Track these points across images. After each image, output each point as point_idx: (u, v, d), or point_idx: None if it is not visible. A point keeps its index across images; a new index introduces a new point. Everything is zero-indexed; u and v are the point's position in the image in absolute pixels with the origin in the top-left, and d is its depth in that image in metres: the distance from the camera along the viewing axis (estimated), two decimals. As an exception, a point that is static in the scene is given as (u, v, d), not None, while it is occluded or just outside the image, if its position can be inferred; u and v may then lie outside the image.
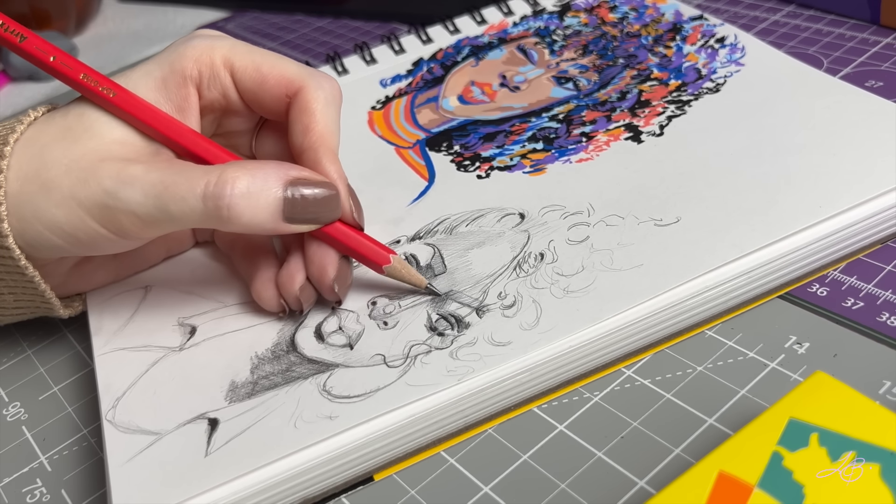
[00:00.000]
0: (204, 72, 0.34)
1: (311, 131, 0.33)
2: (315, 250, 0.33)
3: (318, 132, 0.33)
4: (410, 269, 0.34)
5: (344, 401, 0.30)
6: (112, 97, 0.32)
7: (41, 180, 0.31)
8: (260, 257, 0.35)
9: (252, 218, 0.30)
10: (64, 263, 0.36)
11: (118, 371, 0.34)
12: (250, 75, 0.34)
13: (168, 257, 0.40)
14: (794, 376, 0.30)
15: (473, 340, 0.31)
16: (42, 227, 0.32)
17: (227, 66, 0.34)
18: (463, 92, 0.47)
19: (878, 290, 0.32)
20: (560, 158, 0.40)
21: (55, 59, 0.33)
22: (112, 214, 0.31)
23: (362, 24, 0.64)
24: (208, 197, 0.30)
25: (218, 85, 0.34)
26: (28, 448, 0.35)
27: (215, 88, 0.34)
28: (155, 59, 0.34)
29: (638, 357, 0.32)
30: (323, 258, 0.33)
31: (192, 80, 0.34)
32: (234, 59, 0.34)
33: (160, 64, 0.34)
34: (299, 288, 0.33)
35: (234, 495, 0.28)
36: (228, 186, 0.30)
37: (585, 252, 0.34)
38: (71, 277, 0.37)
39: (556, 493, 0.28)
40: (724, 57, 0.44)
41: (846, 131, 0.37)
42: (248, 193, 0.30)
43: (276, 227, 0.31)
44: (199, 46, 0.34)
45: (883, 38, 0.46)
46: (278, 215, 0.31)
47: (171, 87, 0.34)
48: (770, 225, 0.33)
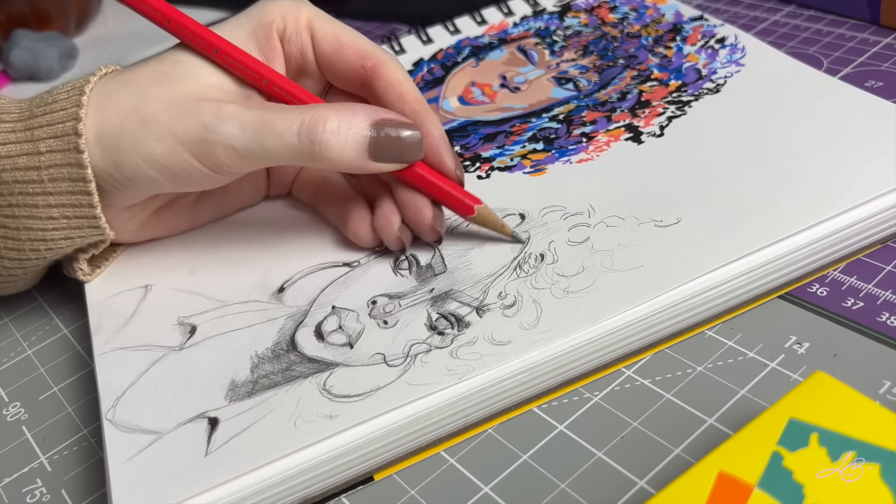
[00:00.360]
0: (289, 27, 0.36)
1: (407, 99, 0.36)
2: (408, 196, 0.35)
3: (414, 98, 0.36)
4: (497, 218, 0.35)
5: (344, 400, 0.30)
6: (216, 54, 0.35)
7: (140, 115, 0.34)
8: (349, 201, 0.38)
9: (340, 154, 0.33)
10: (148, 207, 0.38)
11: (118, 370, 0.34)
12: (329, 41, 0.36)
13: (241, 209, 0.42)
14: (794, 376, 0.30)
15: (473, 340, 0.31)
16: (140, 160, 0.34)
17: (308, 27, 0.37)
18: (463, 92, 0.47)
19: (878, 290, 0.32)
20: (560, 159, 0.40)
21: (170, 22, 0.36)
22: (209, 148, 0.33)
23: (362, 24, 0.64)
24: (303, 133, 0.32)
25: (298, 42, 0.37)
26: (28, 448, 0.35)
27: (295, 45, 0.37)
28: (244, 13, 0.37)
29: (638, 357, 0.32)
30: (418, 201, 0.35)
31: (277, 32, 0.36)
32: (315, 23, 0.37)
33: (250, 17, 0.37)
34: (398, 229, 0.36)
35: (234, 495, 0.28)
36: (321, 124, 0.32)
37: (586, 253, 0.34)
38: (150, 223, 0.39)
39: (556, 493, 0.28)
40: (724, 57, 0.44)
41: (846, 131, 0.37)
42: (337, 131, 0.32)
43: (363, 165, 0.33)
44: (285, 4, 0.37)
45: (883, 38, 0.46)
46: (364, 153, 0.33)
47: (261, 37, 0.36)
48: (770, 225, 0.33)
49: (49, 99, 0.35)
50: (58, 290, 0.43)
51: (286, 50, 0.37)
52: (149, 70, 0.35)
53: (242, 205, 0.42)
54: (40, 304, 0.42)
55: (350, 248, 0.37)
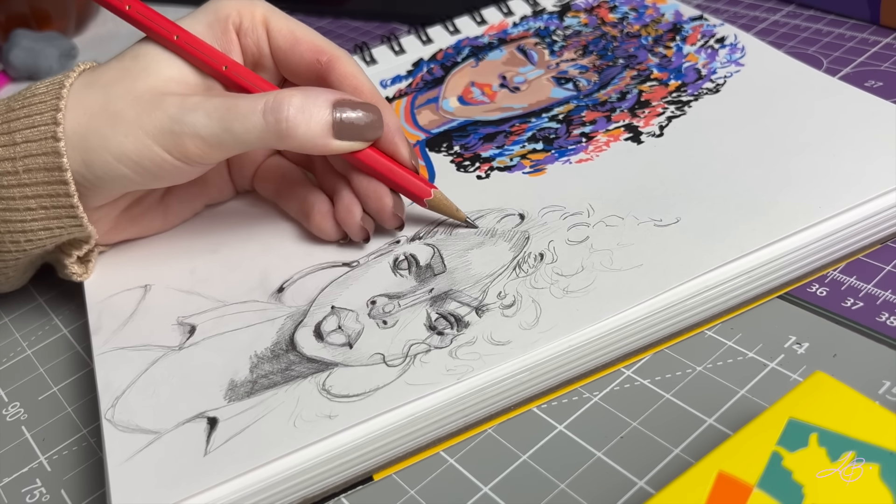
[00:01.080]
0: (245, 21, 0.37)
1: (362, 91, 0.37)
2: (368, 185, 0.36)
3: (370, 89, 0.37)
4: (451, 204, 0.37)
5: (343, 400, 0.30)
6: (176, 39, 0.36)
7: (108, 113, 0.34)
8: (309, 196, 0.38)
9: (307, 131, 0.34)
10: (117, 206, 0.38)
11: (118, 370, 0.34)
12: (284, 36, 0.37)
13: (209, 205, 0.42)
14: (793, 376, 0.30)
15: (473, 340, 0.31)
16: (111, 157, 0.34)
17: (264, 22, 0.38)
18: (463, 92, 0.47)
19: (878, 290, 0.32)
20: (560, 159, 0.40)
21: (131, 8, 0.37)
22: (178, 139, 0.34)
23: (362, 24, 0.64)
24: (268, 111, 0.33)
25: (254, 36, 0.38)
26: (28, 448, 0.35)
27: (251, 38, 0.38)
28: (200, 8, 0.38)
29: (638, 357, 0.32)
30: (378, 190, 0.36)
31: (234, 26, 0.37)
32: (271, 18, 0.38)
33: (206, 12, 0.37)
34: (361, 218, 0.37)
35: (234, 494, 0.28)
36: (286, 103, 0.33)
37: (585, 252, 0.34)
38: (120, 222, 0.39)
39: (555, 493, 0.28)
40: (723, 57, 0.44)
41: (846, 131, 0.37)
42: (302, 107, 0.33)
43: (327, 143, 0.34)
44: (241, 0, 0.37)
45: (883, 38, 0.46)
46: (328, 131, 0.34)
47: (217, 30, 0.37)
48: (770, 225, 0.33)
49: (28, 94, 0.35)
50: (58, 290, 0.43)
51: (243, 43, 0.38)
52: (111, 68, 0.36)
53: (210, 201, 0.42)
54: (40, 305, 0.42)
55: (349, 249, 0.37)
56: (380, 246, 0.37)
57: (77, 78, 0.36)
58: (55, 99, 0.34)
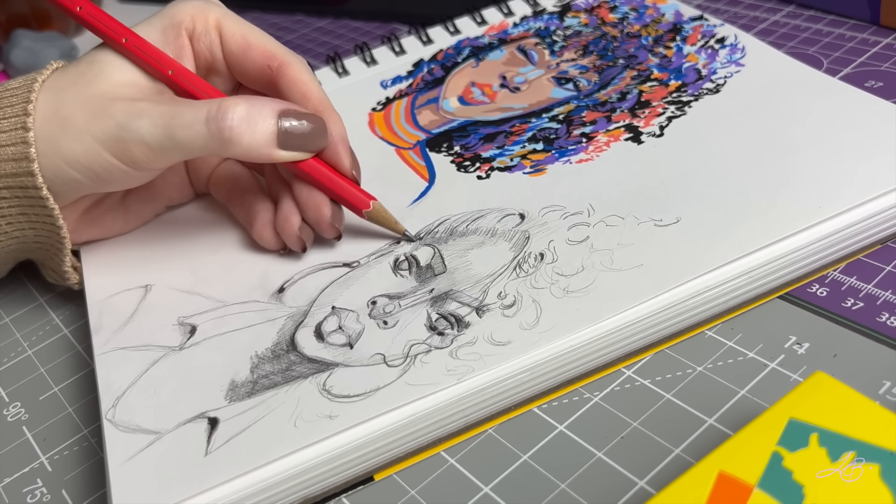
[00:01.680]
0: (198, 26, 0.37)
1: (310, 98, 0.37)
2: (307, 194, 0.36)
3: (316, 97, 0.37)
4: (390, 216, 0.37)
5: (344, 400, 0.30)
6: (124, 42, 0.36)
7: (59, 118, 0.34)
8: (255, 202, 0.38)
9: (251, 141, 0.33)
10: (76, 208, 0.38)
11: (118, 370, 0.34)
12: (237, 41, 0.38)
13: (170, 207, 0.43)
14: (793, 376, 0.30)
15: (473, 340, 0.31)
16: (62, 162, 0.34)
17: (217, 27, 0.38)
18: (463, 93, 0.47)
19: (878, 291, 0.32)
20: (560, 159, 0.40)
21: (81, 9, 0.37)
22: (125, 145, 0.34)
23: (362, 24, 0.64)
24: (211, 120, 0.33)
25: (207, 41, 0.38)
26: (28, 448, 0.35)
27: (204, 43, 0.38)
28: (157, 13, 0.38)
29: (638, 357, 0.32)
30: (316, 199, 0.36)
31: (187, 31, 0.37)
32: (224, 23, 0.38)
33: (161, 17, 0.38)
34: (298, 228, 0.37)
35: (234, 494, 0.28)
36: (230, 112, 0.33)
37: (585, 252, 0.34)
38: (81, 225, 0.39)
39: (556, 493, 0.28)
40: (724, 57, 0.44)
41: (846, 131, 0.37)
42: (247, 117, 0.33)
43: (271, 153, 0.34)
44: (195, 4, 0.38)
45: (883, 39, 0.46)
46: (273, 141, 0.34)
47: (170, 35, 0.37)
48: (770, 225, 0.33)
49: (1, 89, 0.36)
50: (58, 290, 0.43)
51: (195, 48, 0.38)
52: (68, 73, 0.36)
53: (171, 202, 0.43)
54: (40, 304, 0.42)
55: (350, 249, 0.37)
56: (380, 246, 0.37)
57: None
58: (27, 92, 0.35)
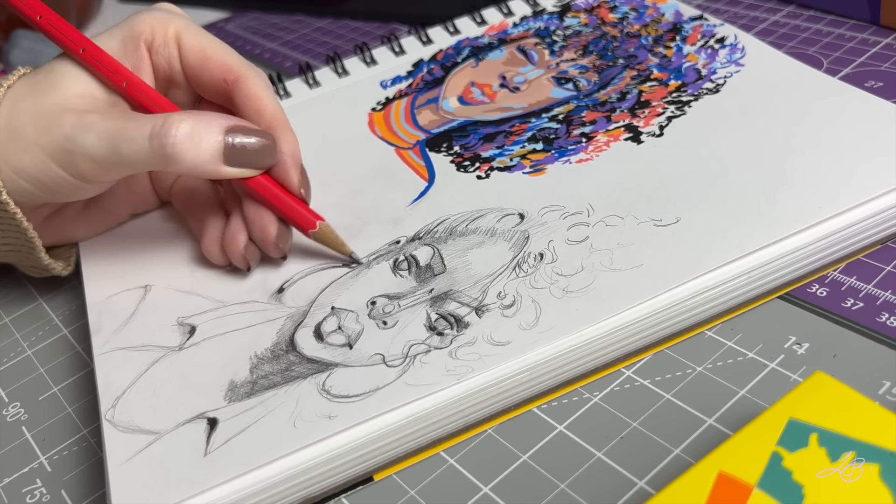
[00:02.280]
0: (157, 38, 0.37)
1: (263, 114, 0.36)
2: (255, 212, 0.36)
3: (270, 113, 0.36)
4: (337, 237, 0.36)
5: (343, 400, 0.30)
6: (82, 52, 0.36)
7: (10, 128, 0.34)
8: (208, 215, 0.38)
9: (195, 158, 0.33)
10: (36, 216, 0.38)
11: (118, 370, 0.34)
12: (195, 53, 0.37)
13: (134, 215, 0.42)
14: (793, 377, 0.30)
15: (473, 340, 0.31)
16: (11, 172, 0.35)
17: (176, 39, 0.37)
18: (463, 93, 0.47)
19: (878, 291, 0.32)
20: (560, 159, 0.40)
21: (42, 18, 0.37)
22: (72, 158, 0.34)
23: (362, 24, 0.64)
24: (154, 136, 0.33)
25: (166, 53, 0.37)
26: (28, 448, 0.35)
27: (163, 56, 0.37)
28: (119, 24, 0.38)
29: (638, 357, 0.32)
30: (263, 218, 0.36)
31: (146, 43, 0.37)
32: (183, 35, 0.37)
33: (122, 28, 0.37)
34: (244, 247, 0.36)
35: (234, 495, 0.28)
36: (174, 128, 0.33)
37: (585, 252, 0.34)
38: (43, 231, 0.39)
39: (555, 493, 0.28)
40: (723, 57, 0.44)
41: (846, 131, 0.37)
42: (191, 134, 0.33)
43: (217, 170, 0.34)
44: (156, 16, 0.38)
45: (883, 39, 0.46)
46: (219, 157, 0.33)
47: (129, 48, 0.37)
48: (770, 225, 0.33)
49: None
50: (58, 290, 0.43)
51: (154, 60, 0.37)
52: (24, 81, 0.36)
53: (135, 211, 0.42)
54: (40, 304, 0.42)
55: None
56: (379, 247, 0.37)
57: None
58: None
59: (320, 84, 0.50)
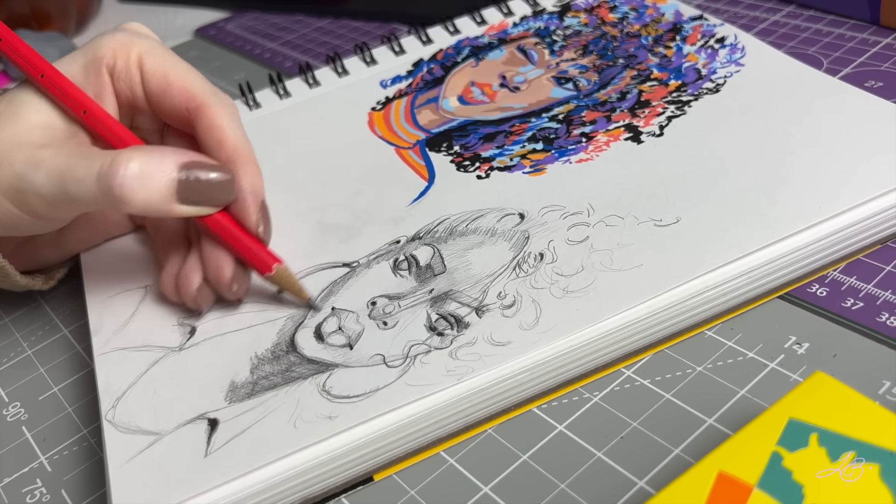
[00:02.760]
0: (119, 62, 0.35)
1: (224, 145, 0.34)
2: (211, 252, 0.34)
3: (231, 145, 0.34)
4: (295, 281, 0.34)
5: (343, 401, 0.30)
6: (41, 78, 0.34)
7: None
8: (171, 249, 0.36)
9: (146, 198, 0.31)
10: (6, 243, 0.37)
11: (118, 371, 0.34)
12: (157, 80, 0.35)
13: (108, 239, 0.41)
14: (793, 376, 0.30)
15: (473, 340, 0.31)
16: None
17: (138, 63, 0.36)
18: (463, 92, 0.47)
19: (878, 291, 0.32)
20: (560, 159, 0.40)
21: (1, 42, 0.35)
22: (23, 197, 0.32)
23: (362, 24, 0.64)
24: (102, 177, 0.31)
25: (128, 79, 0.36)
26: (28, 448, 0.35)
27: (125, 81, 0.36)
28: (82, 48, 0.36)
29: (638, 357, 0.32)
30: (219, 258, 0.34)
31: (108, 68, 0.35)
32: (145, 60, 0.36)
33: (84, 52, 0.36)
34: (196, 289, 0.34)
35: (234, 495, 0.28)
36: (122, 168, 0.31)
37: (585, 252, 0.34)
38: (16, 258, 0.38)
39: (555, 493, 0.28)
40: (723, 57, 0.44)
41: (846, 131, 0.37)
42: (140, 174, 0.31)
43: (170, 209, 0.32)
44: (120, 39, 0.36)
45: (883, 39, 0.46)
46: (171, 196, 0.32)
47: (91, 73, 0.35)
48: (770, 225, 0.33)
49: None
50: (58, 290, 0.43)
51: (116, 86, 0.36)
52: None
53: (108, 235, 0.41)
54: (40, 304, 0.42)
55: (350, 249, 0.37)
56: (379, 247, 0.37)
57: None
58: None
59: (320, 84, 0.50)
